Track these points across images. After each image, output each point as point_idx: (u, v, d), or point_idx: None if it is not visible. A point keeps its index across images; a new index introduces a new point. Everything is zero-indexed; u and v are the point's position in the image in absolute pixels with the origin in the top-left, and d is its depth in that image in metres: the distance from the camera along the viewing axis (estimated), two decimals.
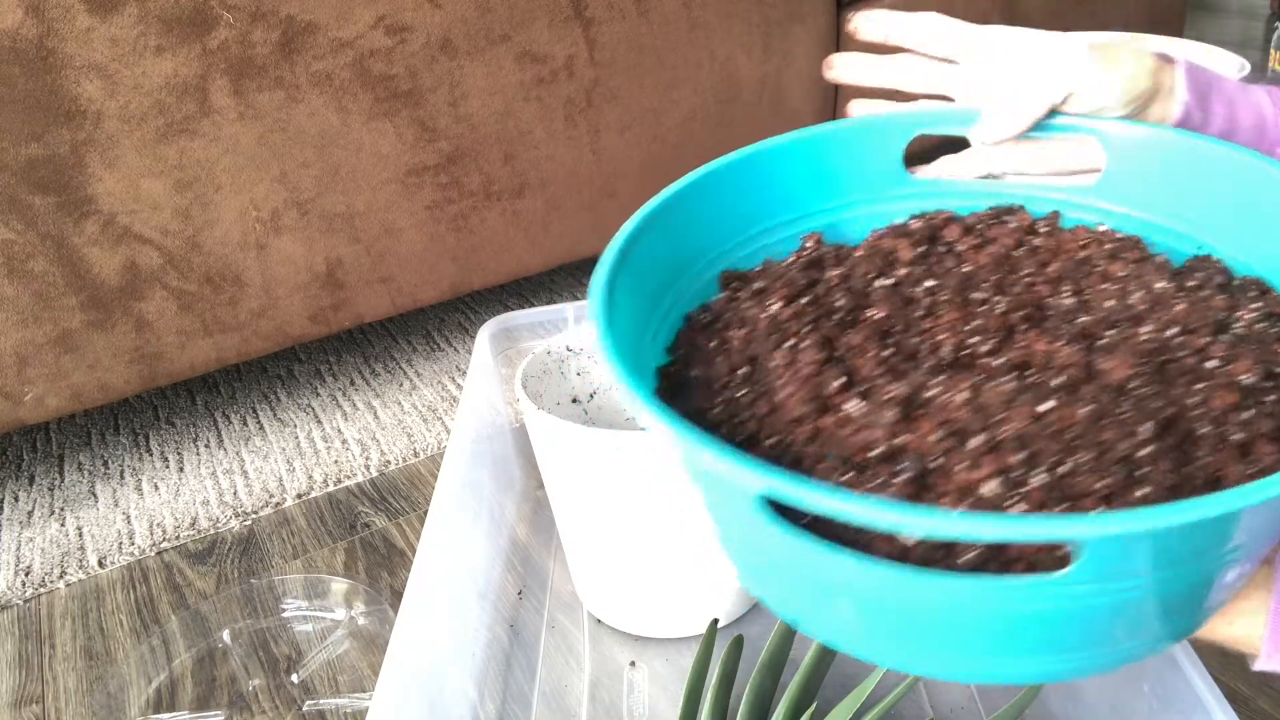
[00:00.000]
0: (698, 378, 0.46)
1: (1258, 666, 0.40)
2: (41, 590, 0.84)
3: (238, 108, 0.86)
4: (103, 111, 0.80)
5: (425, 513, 0.85)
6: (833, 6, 1.23)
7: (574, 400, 0.77)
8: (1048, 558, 0.34)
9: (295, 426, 1.05)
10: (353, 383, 1.12)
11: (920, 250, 0.52)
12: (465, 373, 1.07)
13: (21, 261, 0.81)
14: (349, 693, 0.71)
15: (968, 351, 0.44)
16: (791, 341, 0.45)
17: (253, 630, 0.77)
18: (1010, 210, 0.56)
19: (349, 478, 0.95)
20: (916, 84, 0.58)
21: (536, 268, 1.12)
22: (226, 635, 0.77)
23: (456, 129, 0.99)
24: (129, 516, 0.92)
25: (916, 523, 0.31)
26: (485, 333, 0.82)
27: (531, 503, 0.87)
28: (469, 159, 1.01)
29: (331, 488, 0.94)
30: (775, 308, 0.48)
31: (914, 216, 0.56)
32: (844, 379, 0.42)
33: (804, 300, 0.48)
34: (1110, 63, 0.50)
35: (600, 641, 0.72)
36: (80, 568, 0.86)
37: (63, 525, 0.91)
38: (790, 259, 0.54)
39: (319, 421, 1.05)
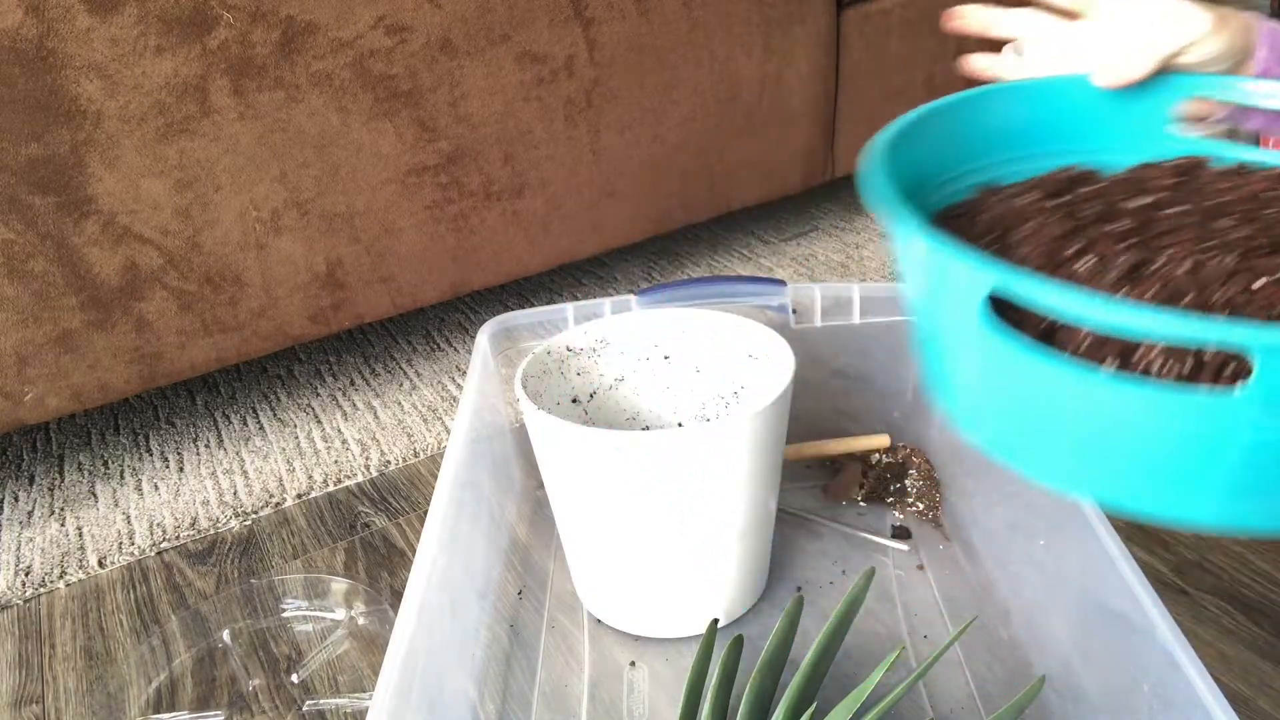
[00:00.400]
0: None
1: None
2: (41, 590, 0.84)
3: (238, 108, 0.86)
4: (103, 111, 0.80)
5: (425, 513, 0.85)
6: (833, 6, 1.23)
7: (574, 400, 0.77)
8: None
9: (295, 426, 1.05)
10: (353, 383, 1.12)
11: (1174, 180, 0.54)
12: (465, 373, 1.07)
13: (21, 261, 0.81)
14: (349, 693, 0.71)
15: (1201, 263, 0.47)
16: (1038, 219, 0.48)
17: (253, 630, 0.77)
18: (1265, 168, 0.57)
19: (349, 478, 0.95)
20: (1036, 36, 0.60)
21: (536, 268, 1.12)
22: (226, 635, 0.77)
23: (456, 129, 0.99)
24: (129, 516, 0.92)
25: (1128, 318, 0.35)
26: (485, 333, 0.82)
27: (531, 503, 0.87)
28: (469, 159, 1.01)
29: (331, 488, 0.94)
30: (1031, 197, 0.51)
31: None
32: (1080, 246, 0.45)
33: (1059, 200, 0.52)
34: (1221, 20, 0.53)
35: (600, 641, 0.72)
36: (80, 568, 0.86)
37: (63, 525, 0.91)
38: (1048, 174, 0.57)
39: (319, 421, 1.05)
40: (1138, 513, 0.42)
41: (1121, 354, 0.40)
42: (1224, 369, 0.38)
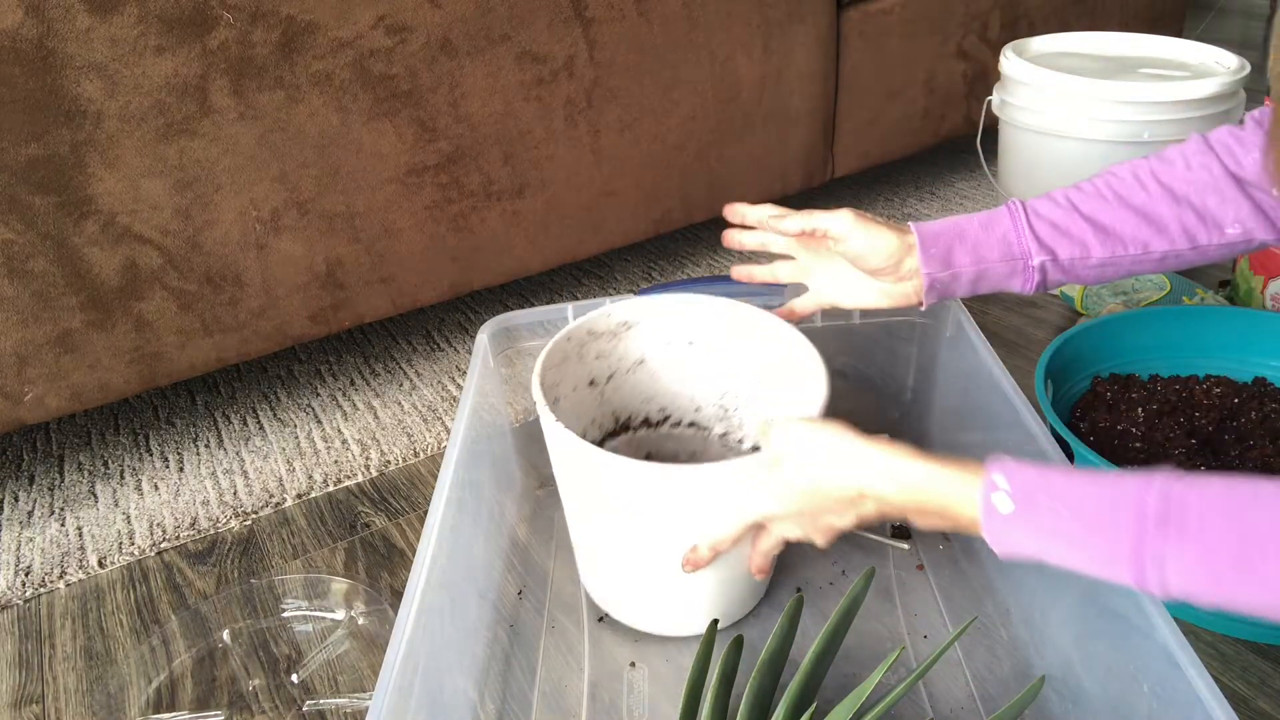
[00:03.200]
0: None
1: (990, 539, 0.50)
2: (41, 590, 0.84)
3: (238, 108, 0.86)
4: (103, 111, 0.80)
5: (425, 513, 0.85)
6: (832, 6, 1.23)
7: (590, 383, 0.76)
8: None
9: (295, 426, 1.05)
10: (353, 383, 1.12)
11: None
12: (465, 373, 1.07)
13: (21, 261, 0.81)
14: (349, 693, 0.71)
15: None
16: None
17: (253, 630, 0.77)
18: None
19: (349, 478, 0.95)
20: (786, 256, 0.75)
21: (536, 268, 1.12)
22: (226, 635, 0.77)
23: (456, 129, 0.99)
24: (129, 516, 0.92)
25: None
26: (485, 333, 0.82)
27: (531, 503, 0.87)
28: (469, 159, 1.01)
29: (331, 488, 0.94)
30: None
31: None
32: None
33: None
34: (870, 231, 0.66)
35: (600, 641, 0.72)
36: (80, 568, 0.86)
37: (63, 525, 0.91)
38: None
39: (319, 421, 1.05)
40: None
41: None
42: None
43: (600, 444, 0.78)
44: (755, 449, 0.76)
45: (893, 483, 0.53)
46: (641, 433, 0.81)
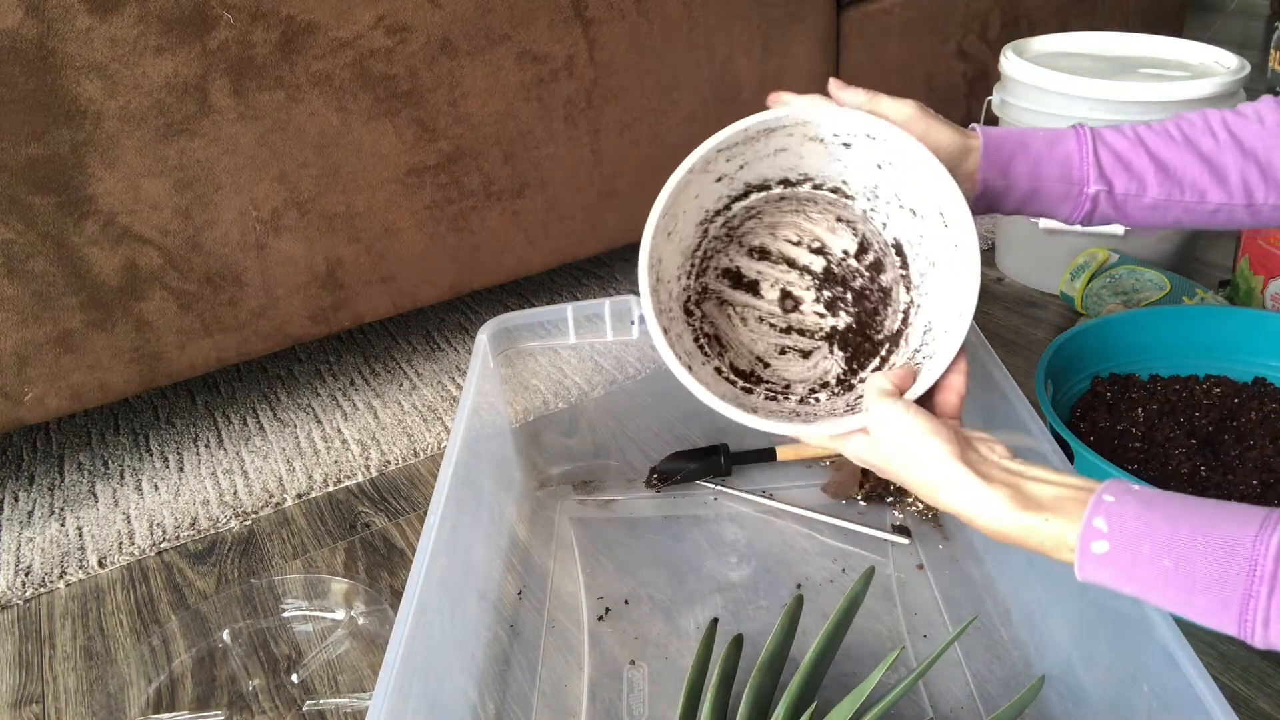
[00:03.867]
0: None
1: (1080, 576, 0.47)
2: (41, 590, 0.84)
3: (238, 108, 0.86)
4: (103, 111, 0.80)
5: (425, 513, 0.85)
6: (832, 6, 1.23)
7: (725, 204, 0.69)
8: None
9: (295, 426, 1.05)
10: (353, 383, 1.12)
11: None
12: (465, 373, 1.07)
13: (21, 261, 0.81)
14: (349, 693, 0.71)
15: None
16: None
17: (253, 630, 0.77)
18: None
19: (349, 478, 0.95)
20: None
21: (536, 268, 1.12)
22: (226, 635, 0.77)
23: (456, 129, 0.99)
24: (129, 516, 0.92)
25: None
26: (485, 333, 0.82)
27: (531, 503, 0.87)
28: (469, 159, 1.01)
29: (331, 488, 0.94)
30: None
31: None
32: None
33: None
34: (931, 125, 0.64)
35: (600, 641, 0.72)
36: (80, 568, 0.86)
37: (63, 525, 0.91)
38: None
39: (319, 421, 1.05)
40: None
41: None
42: None
43: (730, 205, 0.69)
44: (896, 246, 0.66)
45: (982, 520, 0.49)
46: (777, 190, 0.69)
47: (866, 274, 0.68)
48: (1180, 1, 1.68)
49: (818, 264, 0.69)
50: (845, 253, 0.69)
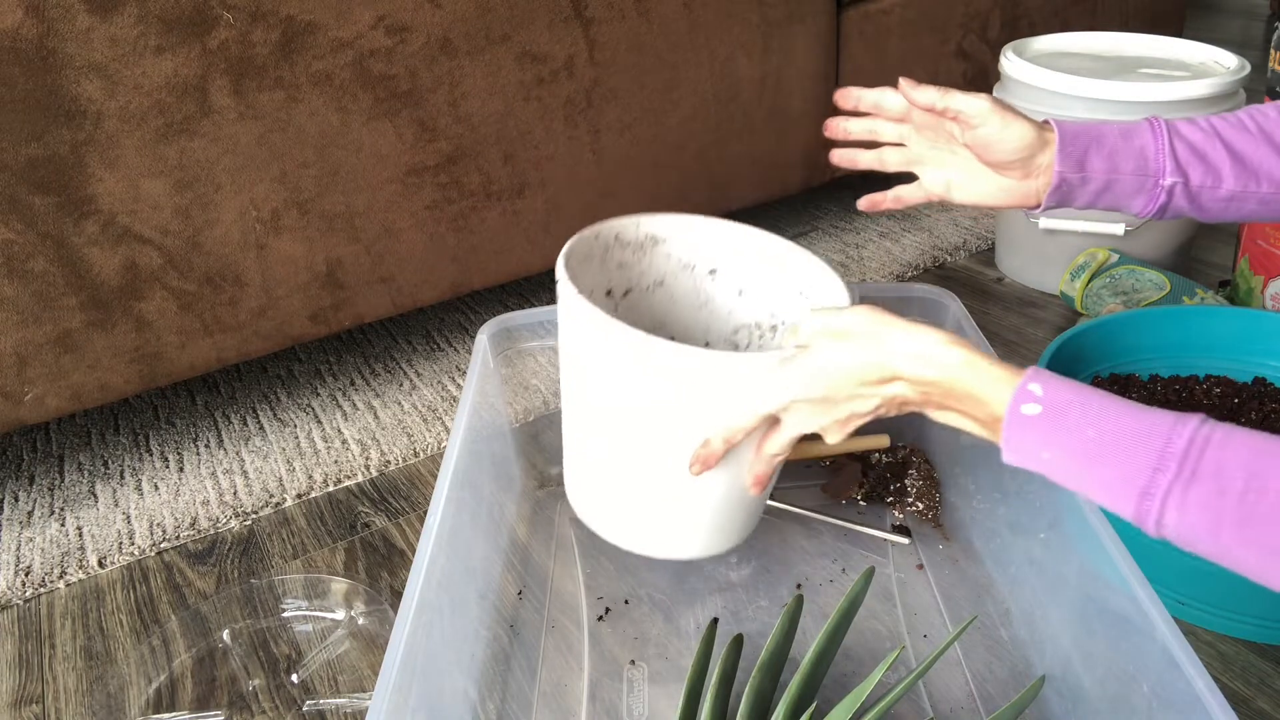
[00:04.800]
0: None
1: (1004, 435, 0.50)
2: (41, 590, 0.84)
3: (238, 108, 0.86)
4: (103, 111, 0.80)
5: (425, 513, 0.85)
6: (832, 6, 1.23)
7: (607, 293, 0.73)
8: None
9: (295, 426, 1.05)
10: (353, 383, 1.12)
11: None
12: (465, 373, 1.07)
13: (21, 261, 0.81)
14: (349, 693, 0.71)
15: None
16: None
17: (253, 630, 0.77)
18: None
19: (349, 478, 0.95)
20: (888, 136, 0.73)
21: (536, 268, 1.12)
22: (226, 635, 0.77)
23: (456, 129, 0.99)
24: (129, 516, 0.92)
25: None
26: (485, 333, 0.82)
27: (531, 503, 0.87)
28: (469, 159, 1.01)
29: (331, 488, 0.94)
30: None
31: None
32: None
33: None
34: (1008, 119, 0.64)
35: (600, 641, 0.72)
36: (80, 568, 0.86)
37: (63, 525, 0.91)
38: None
39: (319, 421, 1.05)
40: None
41: None
42: None
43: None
44: None
45: (929, 365, 0.52)
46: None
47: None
48: (1180, 1, 1.68)
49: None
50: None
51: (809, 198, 1.53)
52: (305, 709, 0.70)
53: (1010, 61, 1.19)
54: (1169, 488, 0.43)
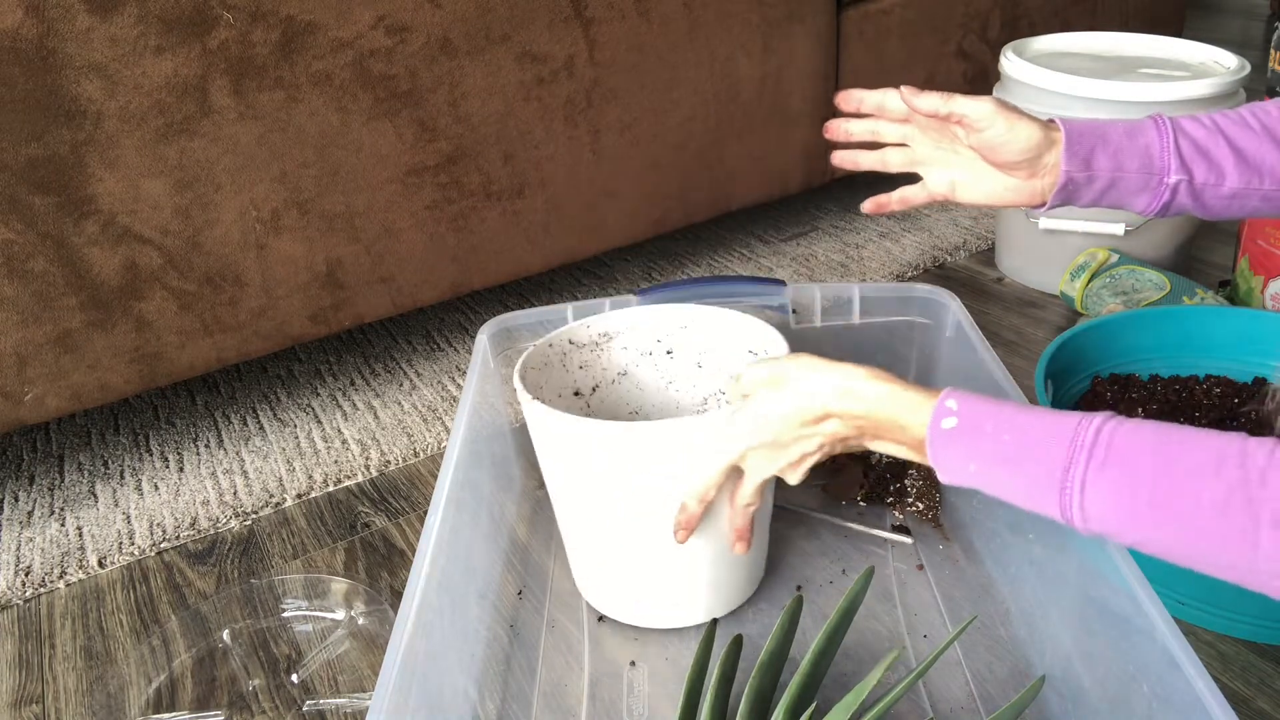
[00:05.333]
0: None
1: (930, 454, 0.53)
2: (41, 590, 0.84)
3: (238, 108, 0.86)
4: (103, 111, 0.80)
5: (425, 513, 0.85)
6: (832, 6, 1.23)
7: (576, 393, 0.77)
8: None
9: (295, 426, 1.05)
10: (353, 383, 1.12)
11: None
12: (465, 373, 1.07)
13: (21, 261, 0.81)
14: (349, 693, 0.71)
15: None
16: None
17: (253, 630, 0.77)
18: None
19: (349, 478, 0.95)
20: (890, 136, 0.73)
21: (537, 268, 1.12)
22: (226, 635, 0.77)
23: (456, 129, 0.99)
24: (129, 516, 0.92)
25: None
26: (485, 333, 0.82)
27: (531, 503, 0.87)
28: (469, 159, 1.01)
29: (331, 488, 0.94)
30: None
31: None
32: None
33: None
34: (1013, 120, 0.64)
35: (600, 641, 0.72)
36: (80, 568, 0.86)
37: (63, 525, 0.91)
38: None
39: (319, 421, 1.05)
40: None
41: None
42: None
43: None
44: None
45: (855, 399, 0.55)
46: None
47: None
48: (1180, 1, 1.68)
49: None
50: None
51: (809, 198, 1.53)
52: (305, 709, 0.70)
53: (1010, 61, 1.19)
54: (1083, 476, 0.45)
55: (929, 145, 0.71)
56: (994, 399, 0.51)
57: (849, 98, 0.72)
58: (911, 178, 0.73)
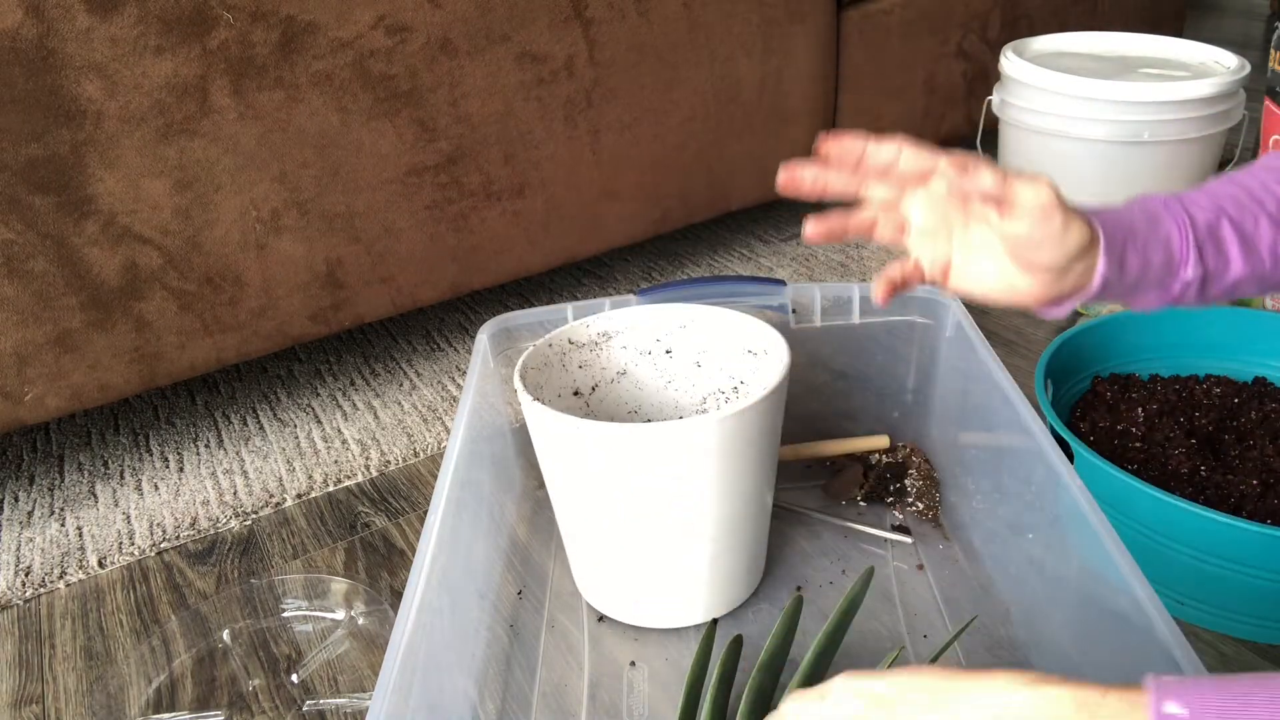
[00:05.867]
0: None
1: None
2: (41, 590, 0.84)
3: (238, 108, 0.86)
4: (103, 111, 0.80)
5: (425, 513, 0.85)
6: (832, 6, 1.23)
7: (575, 393, 0.77)
8: None
9: (295, 426, 1.05)
10: (353, 383, 1.12)
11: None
12: (465, 373, 1.07)
13: (21, 261, 0.81)
14: (349, 693, 0.71)
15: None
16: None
17: (253, 630, 0.77)
18: None
19: (349, 478, 0.95)
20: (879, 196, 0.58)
21: (536, 268, 1.12)
22: (226, 635, 0.77)
23: (456, 129, 0.99)
24: (129, 516, 0.92)
25: None
26: (485, 333, 0.82)
27: (531, 503, 0.87)
28: (469, 159, 1.01)
29: (331, 488, 0.94)
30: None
31: None
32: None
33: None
34: (1070, 219, 0.51)
35: (600, 641, 0.72)
36: (80, 568, 0.86)
37: (63, 525, 0.91)
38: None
39: (319, 421, 1.05)
40: None
41: None
42: None
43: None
44: None
45: (1041, 713, 0.37)
46: None
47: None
48: (1180, 1, 1.68)
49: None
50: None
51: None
52: (305, 709, 0.70)
53: (1010, 61, 1.19)
54: None
55: (934, 215, 0.56)
56: (1221, 680, 0.35)
57: (838, 145, 0.55)
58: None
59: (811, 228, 0.58)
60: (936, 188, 0.55)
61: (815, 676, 0.62)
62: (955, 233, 0.56)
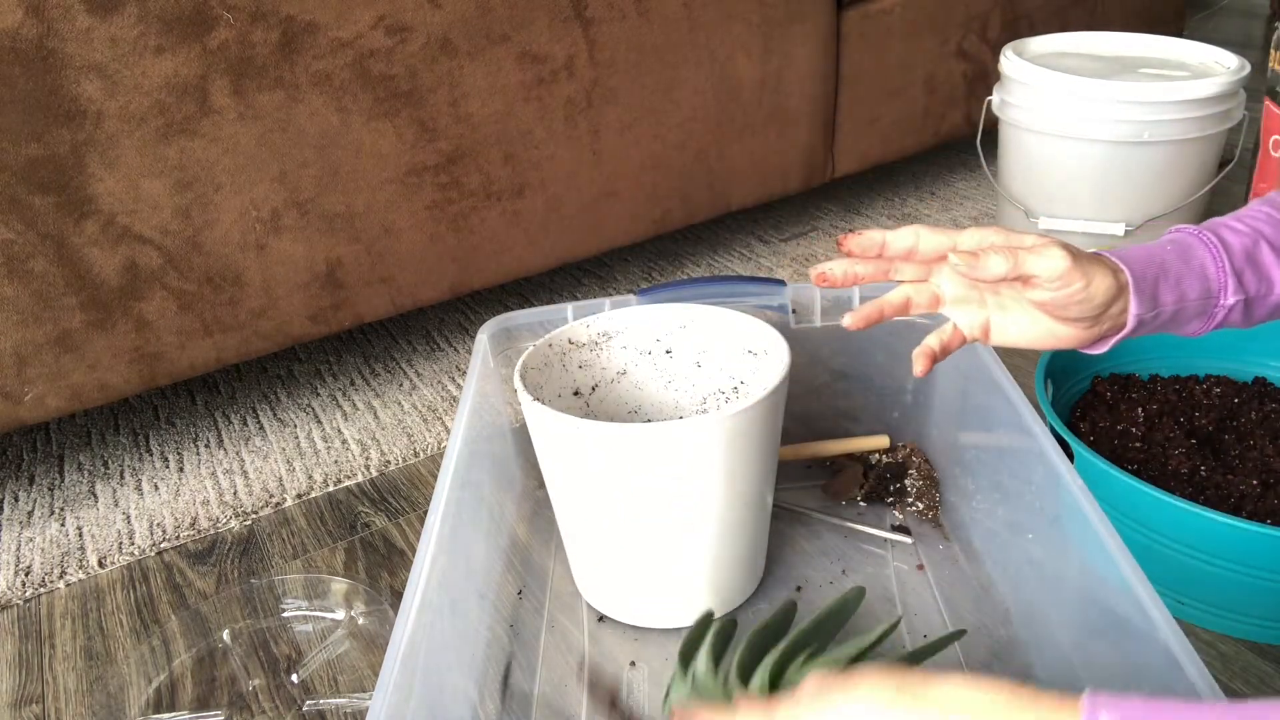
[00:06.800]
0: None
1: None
2: (41, 590, 0.84)
3: (238, 108, 0.86)
4: (103, 111, 0.80)
5: (425, 513, 0.85)
6: (832, 6, 1.23)
7: (575, 393, 0.77)
8: None
9: (295, 426, 1.05)
10: (353, 383, 1.12)
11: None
12: (465, 373, 1.07)
13: (21, 261, 0.81)
14: (349, 693, 0.71)
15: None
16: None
17: (253, 630, 0.77)
18: None
19: (349, 478, 0.95)
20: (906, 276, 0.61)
21: (536, 268, 1.12)
22: (226, 635, 0.77)
23: (456, 129, 0.99)
24: (129, 516, 0.92)
25: None
26: (485, 333, 0.82)
27: (531, 503, 0.87)
28: (469, 159, 1.01)
29: (331, 488, 0.94)
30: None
31: None
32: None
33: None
34: (1090, 273, 0.54)
35: (600, 642, 0.72)
36: (80, 568, 0.86)
37: (63, 525, 0.91)
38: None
39: (319, 421, 1.05)
40: None
41: None
42: None
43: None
44: None
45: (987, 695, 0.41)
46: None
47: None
48: (1180, 1, 1.68)
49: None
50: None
51: (809, 198, 1.53)
52: (305, 709, 0.70)
53: (1010, 61, 1.19)
54: None
55: (964, 286, 0.59)
56: (1149, 702, 0.38)
57: (861, 240, 0.58)
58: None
59: (850, 320, 0.61)
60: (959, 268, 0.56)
61: (829, 628, 0.60)
62: (988, 298, 0.59)
